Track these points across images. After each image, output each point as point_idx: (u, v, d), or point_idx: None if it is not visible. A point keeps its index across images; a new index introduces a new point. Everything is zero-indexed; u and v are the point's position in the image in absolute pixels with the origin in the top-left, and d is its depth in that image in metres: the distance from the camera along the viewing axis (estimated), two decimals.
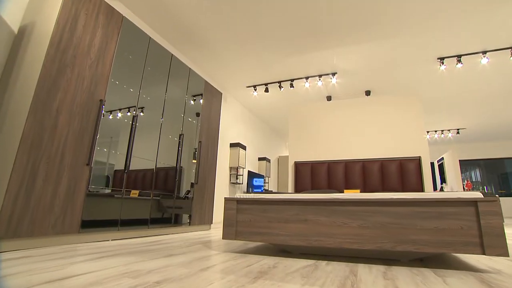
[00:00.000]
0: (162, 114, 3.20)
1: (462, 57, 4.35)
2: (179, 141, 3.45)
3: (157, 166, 3.09)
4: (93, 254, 1.75)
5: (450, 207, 1.58)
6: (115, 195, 2.50)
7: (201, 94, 3.98)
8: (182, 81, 3.63)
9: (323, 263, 1.67)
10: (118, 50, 2.64)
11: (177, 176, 3.35)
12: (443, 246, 1.54)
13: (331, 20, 3.62)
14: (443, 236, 1.55)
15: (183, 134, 3.50)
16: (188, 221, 3.53)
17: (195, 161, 3.73)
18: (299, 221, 1.83)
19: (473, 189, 7.61)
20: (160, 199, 3.11)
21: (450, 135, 7.99)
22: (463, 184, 7.00)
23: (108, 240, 2.39)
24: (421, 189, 3.37)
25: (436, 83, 5.18)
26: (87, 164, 2.22)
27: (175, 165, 3.35)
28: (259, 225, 1.92)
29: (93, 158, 2.28)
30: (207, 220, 3.90)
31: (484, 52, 4.26)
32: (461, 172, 9.96)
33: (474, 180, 9.95)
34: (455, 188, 6.20)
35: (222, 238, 1.97)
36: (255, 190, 6.67)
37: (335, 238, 1.73)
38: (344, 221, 1.74)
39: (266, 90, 5.51)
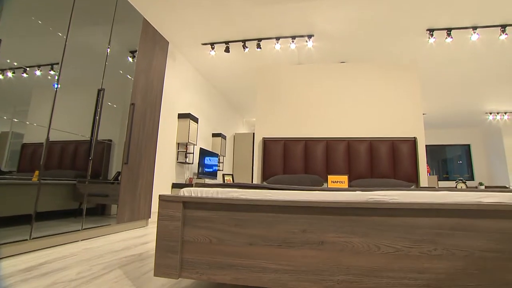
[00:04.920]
0: (63, 53, 1.97)
1: (452, 31, 3.85)
2: (97, 100, 2.26)
3: (72, 139, 1.92)
4: None
5: None
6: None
7: (135, 51, 2.76)
8: (104, 11, 2.38)
9: None
10: None
11: (92, 152, 2.19)
12: None
13: None
14: None
15: (103, 90, 2.31)
16: (115, 215, 2.44)
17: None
18: (308, 244, 0.95)
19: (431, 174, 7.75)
20: (76, 185, 2.02)
21: None
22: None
23: None
24: (415, 175, 2.79)
25: (421, 60, 4.68)
26: None
27: (90, 136, 2.19)
28: (229, 251, 0.99)
29: None
30: (142, 214, 2.84)
31: (475, 28, 3.81)
32: None
33: None
34: None
35: (154, 275, 1.00)
36: (205, 170, 5.64)
37: (380, 278, 0.90)
38: (395, 245, 0.91)
39: (227, 50, 4.41)
